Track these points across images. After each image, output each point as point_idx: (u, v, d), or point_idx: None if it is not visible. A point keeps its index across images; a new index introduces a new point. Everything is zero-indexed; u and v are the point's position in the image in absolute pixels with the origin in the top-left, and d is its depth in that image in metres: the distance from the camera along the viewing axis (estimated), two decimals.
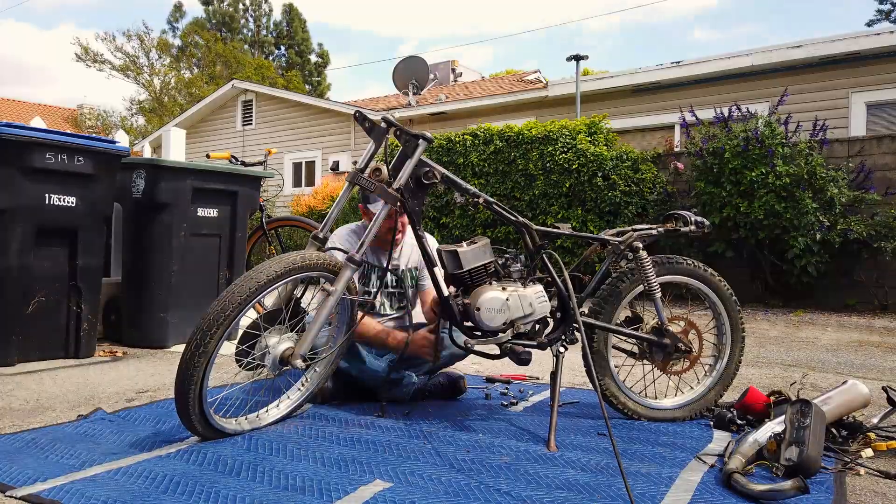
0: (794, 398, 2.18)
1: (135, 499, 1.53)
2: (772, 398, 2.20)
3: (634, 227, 2.32)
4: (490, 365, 3.21)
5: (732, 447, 1.87)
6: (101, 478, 1.66)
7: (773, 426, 1.92)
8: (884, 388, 2.28)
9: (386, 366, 2.41)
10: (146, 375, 2.96)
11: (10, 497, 1.54)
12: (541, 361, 3.21)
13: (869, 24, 23.22)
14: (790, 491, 1.58)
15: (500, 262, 2.23)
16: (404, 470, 1.76)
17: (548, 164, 7.39)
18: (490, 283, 2.17)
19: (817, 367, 3.46)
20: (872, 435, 2.03)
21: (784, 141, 6.05)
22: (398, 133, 2.12)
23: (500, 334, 2.17)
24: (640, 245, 2.27)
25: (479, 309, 2.11)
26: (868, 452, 1.93)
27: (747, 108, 6.56)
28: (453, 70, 16.75)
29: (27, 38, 52.21)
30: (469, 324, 2.19)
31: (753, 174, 5.96)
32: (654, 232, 2.32)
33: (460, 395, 2.60)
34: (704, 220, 2.32)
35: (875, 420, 2.13)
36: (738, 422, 2.18)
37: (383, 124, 2.12)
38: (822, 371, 3.33)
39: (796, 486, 1.59)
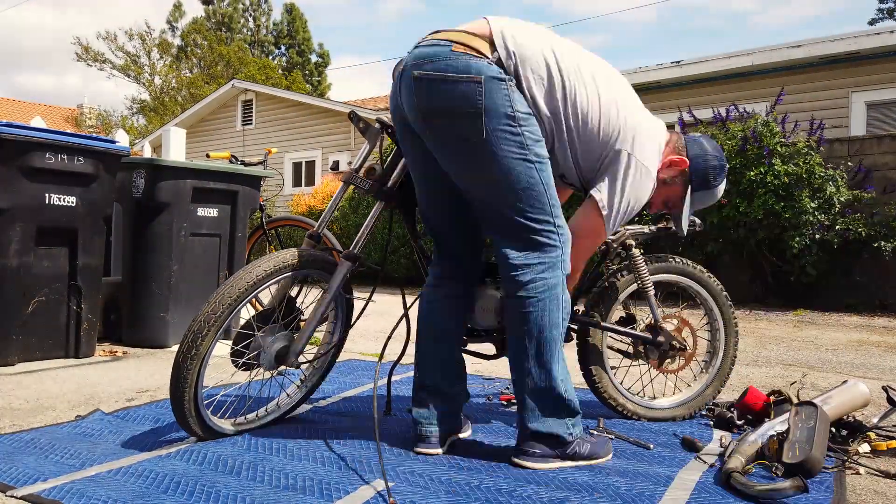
0: (794, 397, 2.18)
1: (135, 498, 1.53)
2: (772, 398, 2.20)
3: (627, 225, 2.32)
4: (489, 364, 3.21)
5: (732, 447, 1.87)
6: (101, 477, 1.66)
7: (775, 425, 1.92)
8: (884, 388, 2.28)
9: None
10: (146, 375, 2.96)
11: (11, 497, 1.54)
12: None
13: (871, 23, 23.19)
14: (790, 490, 1.58)
15: (493, 262, 2.23)
16: (404, 469, 1.76)
17: None
18: (484, 282, 2.17)
19: (817, 366, 3.46)
20: (872, 434, 2.03)
21: (782, 140, 6.05)
22: (392, 133, 2.12)
23: (496, 333, 2.17)
24: (633, 243, 2.27)
25: (473, 308, 2.11)
26: (865, 448, 1.94)
27: (745, 108, 6.57)
28: None
29: None
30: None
31: (752, 174, 5.96)
32: (646, 230, 2.32)
33: None
34: (696, 218, 2.32)
35: (875, 420, 2.13)
36: (738, 422, 2.19)
37: (377, 125, 2.12)
38: (822, 371, 3.33)
39: (796, 485, 1.59)
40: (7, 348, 3.01)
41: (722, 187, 2.11)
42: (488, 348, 2.26)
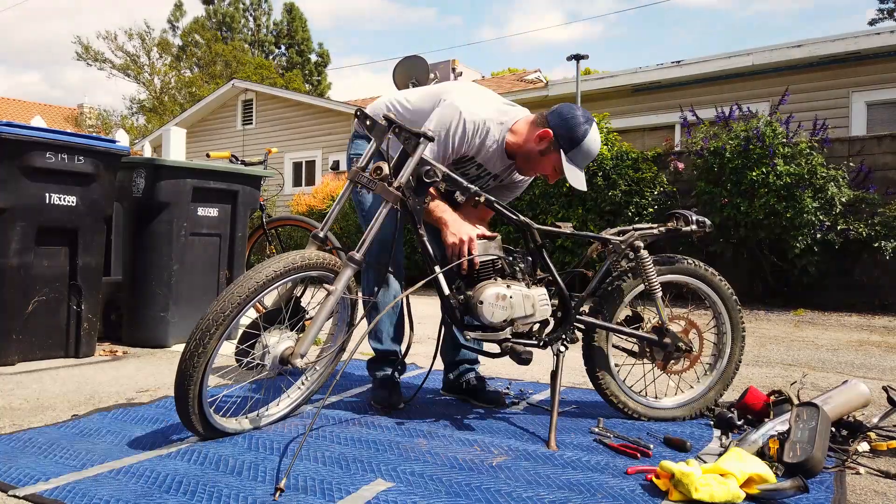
0: (794, 398, 2.18)
1: (137, 498, 1.53)
2: (772, 398, 2.20)
3: (635, 226, 2.31)
4: (491, 364, 3.21)
5: (733, 447, 1.87)
6: (102, 477, 1.66)
7: (775, 425, 1.92)
8: (884, 388, 2.28)
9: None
10: (146, 375, 2.96)
11: (13, 497, 1.54)
12: (541, 361, 3.21)
13: (871, 24, 23.12)
14: (790, 490, 1.58)
15: (506, 260, 2.23)
16: (405, 470, 1.76)
17: None
18: (495, 279, 2.17)
19: (817, 366, 3.46)
20: (873, 434, 2.03)
21: (785, 140, 6.05)
22: (399, 131, 2.12)
23: (499, 331, 2.17)
24: (642, 244, 2.27)
25: (481, 302, 2.11)
26: (865, 448, 1.94)
27: (748, 108, 6.56)
28: (453, 69, 16.73)
29: None
30: (468, 317, 2.19)
31: (754, 174, 5.96)
32: (655, 231, 2.31)
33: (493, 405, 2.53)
34: (706, 219, 2.32)
35: (875, 420, 2.13)
36: (738, 422, 2.18)
37: (384, 122, 2.12)
38: (823, 371, 3.33)
39: (796, 485, 1.59)
40: (7, 348, 3.01)
41: (592, 139, 2.23)
42: (492, 347, 2.26)
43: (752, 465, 1.64)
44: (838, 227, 5.92)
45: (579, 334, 2.33)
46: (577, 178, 2.23)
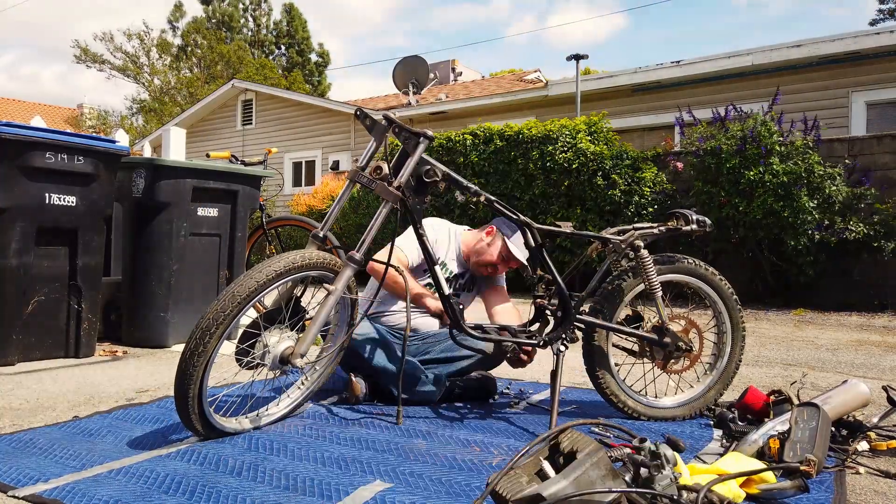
0: (794, 397, 2.18)
1: (137, 498, 1.53)
2: (772, 397, 2.20)
3: (635, 225, 2.32)
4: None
5: (733, 447, 1.87)
6: (102, 477, 1.66)
7: (775, 425, 1.92)
8: (884, 388, 2.28)
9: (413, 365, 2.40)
10: (146, 375, 2.96)
11: (13, 497, 1.54)
12: (541, 361, 3.20)
13: (872, 24, 23.12)
14: (790, 490, 1.58)
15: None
16: (404, 470, 1.76)
17: (548, 164, 7.40)
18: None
19: (817, 366, 3.46)
20: (873, 434, 2.03)
21: (781, 139, 6.05)
22: (399, 131, 2.11)
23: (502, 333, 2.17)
24: (642, 244, 2.27)
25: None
26: (864, 446, 1.94)
27: (741, 108, 6.57)
28: (453, 69, 16.76)
29: None
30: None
31: (751, 174, 5.96)
32: (655, 230, 2.31)
33: (490, 398, 2.57)
34: (706, 218, 2.32)
35: (875, 419, 2.13)
36: (738, 422, 2.18)
37: (384, 122, 2.11)
38: (822, 370, 3.33)
39: (796, 485, 1.59)
40: (7, 348, 3.01)
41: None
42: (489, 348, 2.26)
43: (751, 466, 1.64)
44: (836, 227, 5.92)
45: (579, 334, 2.33)
46: (521, 252, 2.49)
